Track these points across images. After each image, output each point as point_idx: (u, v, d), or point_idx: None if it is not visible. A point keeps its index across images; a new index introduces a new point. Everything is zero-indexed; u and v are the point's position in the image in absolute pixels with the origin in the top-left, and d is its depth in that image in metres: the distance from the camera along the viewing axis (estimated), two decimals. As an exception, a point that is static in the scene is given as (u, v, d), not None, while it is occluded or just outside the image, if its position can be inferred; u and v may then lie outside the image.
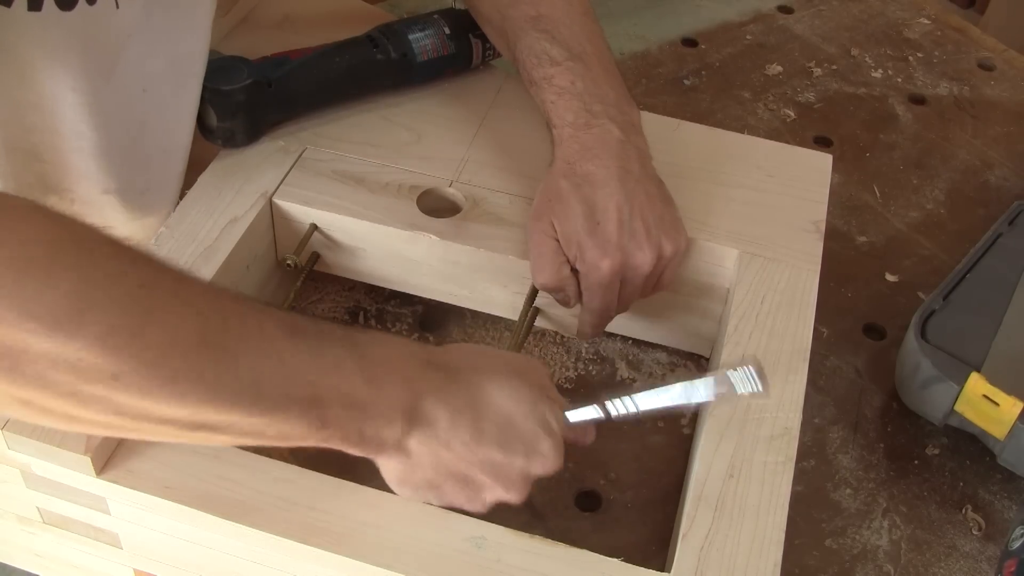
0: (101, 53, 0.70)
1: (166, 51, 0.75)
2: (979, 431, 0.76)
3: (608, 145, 0.73)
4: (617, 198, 0.72)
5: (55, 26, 0.65)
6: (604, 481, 0.74)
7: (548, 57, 0.76)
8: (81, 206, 0.76)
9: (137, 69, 0.74)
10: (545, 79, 0.76)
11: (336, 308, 0.85)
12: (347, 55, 0.84)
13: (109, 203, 0.77)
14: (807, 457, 0.78)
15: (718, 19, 1.22)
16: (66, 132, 0.71)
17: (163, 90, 0.76)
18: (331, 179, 0.80)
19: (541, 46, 0.76)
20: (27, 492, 0.65)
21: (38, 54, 0.66)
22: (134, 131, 0.76)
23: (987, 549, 0.74)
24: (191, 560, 0.66)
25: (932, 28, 1.23)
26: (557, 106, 0.75)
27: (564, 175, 0.73)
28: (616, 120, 0.74)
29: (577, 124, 0.74)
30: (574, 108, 0.74)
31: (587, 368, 0.82)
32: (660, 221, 0.73)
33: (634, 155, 0.74)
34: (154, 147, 0.79)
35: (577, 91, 0.75)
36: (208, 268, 0.72)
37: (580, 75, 0.75)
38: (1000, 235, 0.89)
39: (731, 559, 0.60)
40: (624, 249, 0.72)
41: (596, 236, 0.72)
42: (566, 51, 0.75)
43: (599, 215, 0.72)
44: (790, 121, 1.09)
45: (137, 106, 0.75)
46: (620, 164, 0.73)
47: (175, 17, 0.75)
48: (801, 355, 0.70)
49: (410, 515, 0.61)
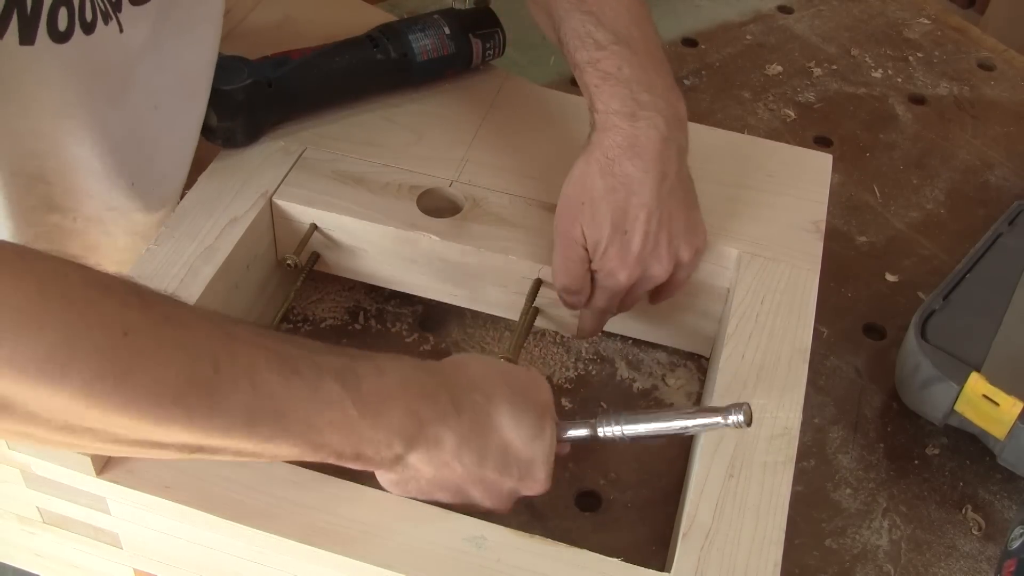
0: (107, 78, 0.70)
1: (175, 66, 0.75)
2: (979, 431, 0.76)
3: (651, 144, 0.70)
4: (649, 207, 0.71)
5: (51, 59, 0.64)
6: (604, 481, 0.74)
7: (593, 40, 0.72)
8: (84, 223, 0.75)
9: (147, 87, 0.73)
10: (589, 63, 0.72)
11: (336, 308, 0.85)
12: (347, 55, 0.84)
13: (112, 219, 0.76)
14: (807, 457, 0.78)
15: (718, 19, 1.22)
16: (69, 156, 0.70)
17: (174, 105, 0.76)
18: (331, 179, 0.80)
19: (586, 28, 0.72)
20: (27, 492, 0.65)
21: (35, 85, 0.65)
22: (148, 148, 0.76)
23: (987, 549, 0.74)
24: (191, 560, 0.66)
25: (932, 28, 1.23)
26: (602, 91, 0.71)
27: (601, 172, 0.71)
28: (663, 113, 0.71)
29: (623, 113, 0.71)
30: (620, 95, 0.71)
31: (587, 368, 0.82)
32: (684, 229, 0.73)
33: (674, 156, 0.72)
34: (166, 162, 0.78)
35: (624, 77, 0.71)
36: (208, 268, 0.72)
37: (627, 60, 0.71)
38: (1000, 235, 0.89)
39: (731, 559, 0.60)
40: (644, 262, 0.72)
41: (620, 246, 0.71)
42: (612, 35, 0.72)
43: (628, 224, 0.71)
44: (790, 121, 1.09)
45: (150, 124, 0.75)
46: (659, 168, 0.71)
47: (184, 33, 0.75)
48: (801, 355, 0.70)
49: (410, 515, 0.61)
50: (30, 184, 0.71)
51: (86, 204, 0.74)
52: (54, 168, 0.71)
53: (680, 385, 0.81)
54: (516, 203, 0.80)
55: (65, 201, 0.73)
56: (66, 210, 0.73)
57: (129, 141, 0.74)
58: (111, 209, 0.75)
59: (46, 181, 0.71)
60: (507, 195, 0.80)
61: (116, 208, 0.75)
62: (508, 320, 0.83)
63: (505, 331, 0.84)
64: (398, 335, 0.83)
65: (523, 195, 0.80)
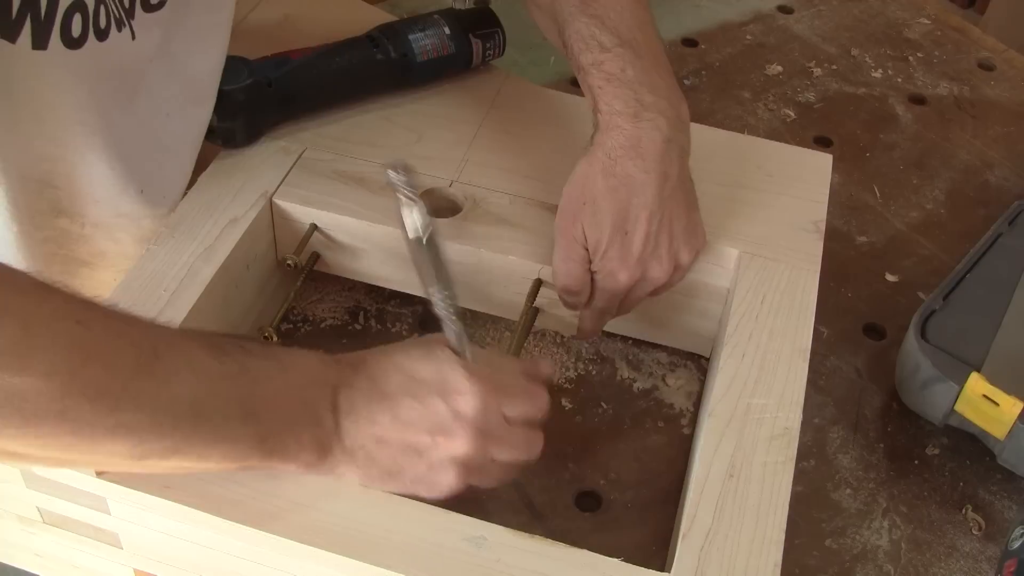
0: (119, 85, 0.70)
1: (185, 73, 0.75)
2: (979, 431, 0.76)
3: (654, 145, 0.71)
4: (651, 208, 0.71)
5: (64, 64, 0.64)
6: (604, 481, 0.74)
7: (597, 43, 0.73)
8: (92, 229, 0.75)
9: (158, 95, 0.74)
10: (594, 65, 0.72)
11: (336, 308, 0.85)
12: (347, 55, 0.84)
13: (121, 226, 0.76)
14: (807, 457, 0.78)
15: (718, 19, 1.22)
16: (78, 162, 0.70)
17: (183, 111, 0.77)
18: (331, 179, 0.80)
19: (590, 31, 0.73)
20: (27, 492, 0.65)
21: (47, 90, 0.65)
22: (158, 155, 0.76)
23: (987, 549, 0.74)
24: (191, 560, 0.66)
25: (932, 28, 1.23)
26: (605, 92, 0.72)
27: (603, 172, 0.71)
28: (666, 114, 0.71)
29: (626, 114, 0.71)
30: (623, 96, 0.71)
31: (587, 368, 0.82)
32: (684, 231, 0.73)
33: (676, 157, 0.72)
34: (174, 168, 0.78)
35: (627, 79, 0.71)
36: (208, 268, 0.72)
37: (631, 63, 0.72)
38: (1000, 235, 0.89)
39: (731, 559, 0.60)
40: (644, 263, 0.72)
41: (621, 247, 0.72)
42: (616, 37, 0.72)
43: (629, 225, 0.71)
44: (790, 121, 1.09)
45: (160, 131, 0.75)
46: (661, 169, 0.71)
47: (195, 41, 0.75)
48: (801, 355, 0.70)
49: (410, 515, 0.61)
50: (39, 188, 0.71)
51: (94, 210, 0.74)
52: (63, 173, 0.71)
53: (680, 385, 0.81)
54: (516, 203, 0.80)
55: (73, 206, 0.73)
56: (74, 215, 0.74)
57: (139, 148, 0.74)
58: (120, 216, 0.75)
59: (54, 186, 0.71)
60: (507, 195, 0.80)
61: (125, 215, 0.75)
62: (508, 320, 0.83)
63: (505, 331, 0.84)
64: (398, 335, 0.83)
65: (523, 195, 0.80)
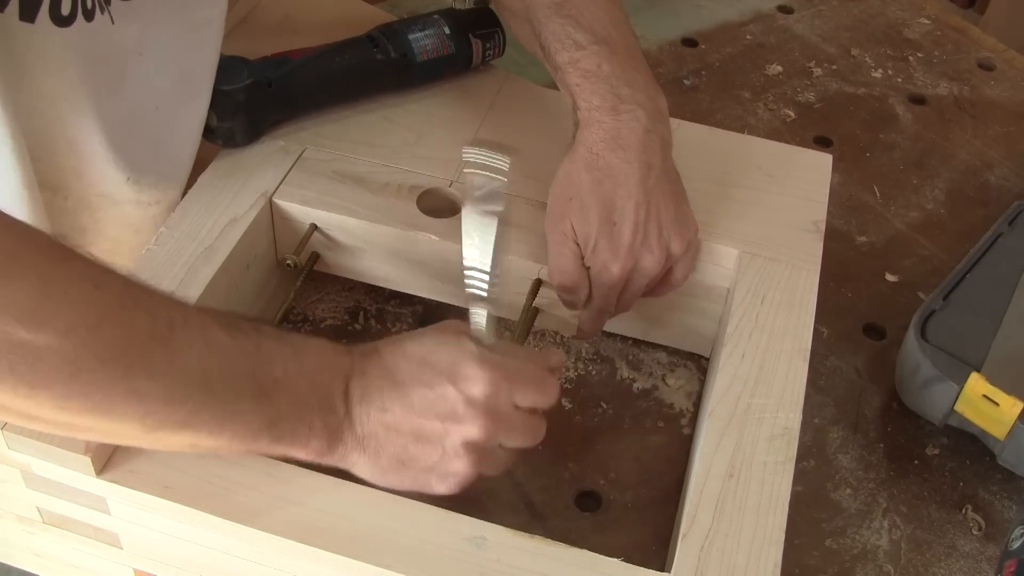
0: (105, 69, 0.70)
1: (176, 68, 0.75)
2: (979, 431, 0.76)
3: (634, 136, 0.72)
4: (636, 198, 0.71)
5: (52, 40, 0.65)
6: (604, 481, 0.74)
7: (573, 42, 0.74)
8: (75, 203, 0.75)
9: (147, 87, 0.74)
10: (570, 63, 0.74)
11: (336, 308, 0.85)
12: (347, 55, 0.84)
13: (101, 206, 0.76)
14: (807, 457, 0.78)
15: (718, 19, 1.22)
16: (61, 138, 0.71)
17: (175, 106, 0.77)
18: (331, 179, 0.80)
19: (565, 31, 0.74)
20: (27, 492, 0.65)
21: (35, 65, 0.66)
22: (148, 147, 0.76)
23: (987, 549, 0.74)
24: (191, 560, 0.66)
25: (932, 28, 1.23)
26: (583, 89, 0.73)
27: (586, 167, 0.72)
28: (644, 106, 0.72)
29: (604, 108, 0.72)
30: (601, 91, 0.72)
31: (587, 368, 0.82)
32: (673, 220, 0.73)
33: (657, 147, 0.73)
34: (166, 162, 0.78)
35: (604, 74, 0.73)
36: (208, 268, 0.72)
37: (606, 59, 0.73)
38: (1000, 235, 0.89)
39: (731, 559, 0.60)
40: (635, 253, 0.72)
41: (611, 238, 0.72)
42: (591, 35, 0.74)
43: (617, 216, 0.71)
44: (790, 121, 1.09)
45: (150, 123, 0.75)
46: (644, 159, 0.72)
47: (185, 34, 0.75)
48: (801, 355, 0.70)
49: (410, 515, 0.61)
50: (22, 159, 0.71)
51: (75, 184, 0.74)
52: (44, 145, 0.71)
53: (680, 385, 0.81)
54: (516, 203, 0.80)
55: (54, 178, 0.73)
56: (56, 188, 0.74)
57: (128, 135, 0.74)
58: (100, 195, 0.75)
59: (34, 157, 0.71)
60: (507, 195, 0.80)
61: (105, 195, 0.76)
62: (508, 320, 0.83)
63: (505, 331, 0.84)
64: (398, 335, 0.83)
65: (523, 195, 0.80)
